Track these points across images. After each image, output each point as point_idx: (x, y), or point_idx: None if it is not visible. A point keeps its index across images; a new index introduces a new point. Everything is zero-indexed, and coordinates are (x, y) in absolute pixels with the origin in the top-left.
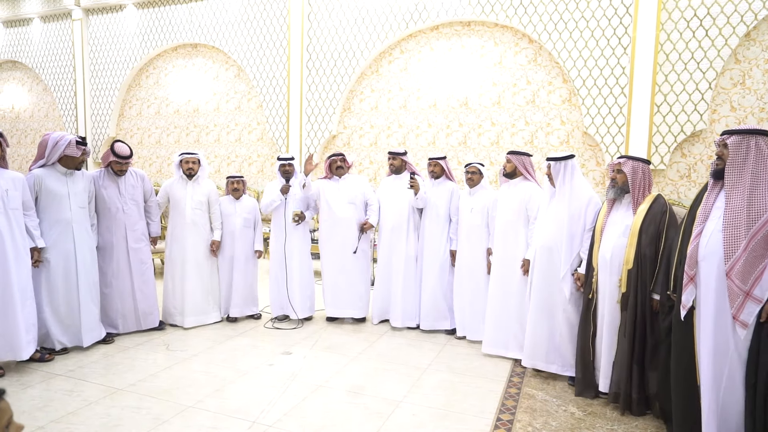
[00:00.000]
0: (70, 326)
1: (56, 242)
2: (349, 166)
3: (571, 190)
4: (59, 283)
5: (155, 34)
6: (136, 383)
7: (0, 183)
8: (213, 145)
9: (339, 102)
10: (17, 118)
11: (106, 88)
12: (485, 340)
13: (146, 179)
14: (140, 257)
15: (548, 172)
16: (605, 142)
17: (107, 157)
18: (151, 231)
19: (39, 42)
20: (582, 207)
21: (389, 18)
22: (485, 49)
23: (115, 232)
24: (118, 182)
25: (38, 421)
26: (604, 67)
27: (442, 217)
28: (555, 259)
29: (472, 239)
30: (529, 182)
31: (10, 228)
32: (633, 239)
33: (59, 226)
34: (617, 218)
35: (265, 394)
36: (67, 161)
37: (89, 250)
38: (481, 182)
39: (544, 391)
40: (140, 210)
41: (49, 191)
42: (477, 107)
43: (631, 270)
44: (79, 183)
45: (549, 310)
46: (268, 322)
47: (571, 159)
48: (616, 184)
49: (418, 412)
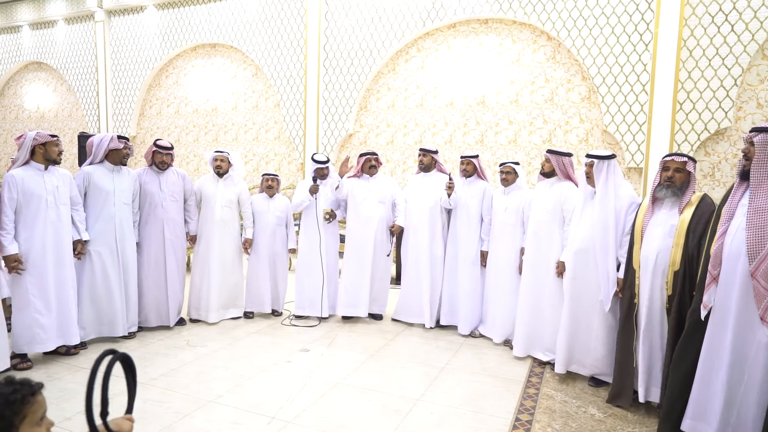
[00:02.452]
0: (106, 319)
1: (100, 237)
2: (381, 165)
3: (615, 190)
4: (99, 276)
5: (175, 34)
6: (158, 377)
7: (52, 180)
8: (231, 143)
9: (356, 100)
10: (42, 118)
11: (127, 88)
12: (516, 343)
13: (187, 178)
14: (175, 253)
15: (588, 170)
16: (625, 141)
17: (150, 151)
18: (190, 229)
19: (63, 43)
20: (623, 209)
21: (406, 16)
22: (503, 47)
23: (153, 227)
24: (159, 179)
25: (65, 413)
26: (624, 64)
27: (474, 217)
28: (591, 261)
29: (506, 239)
30: (566, 182)
31: (60, 222)
32: (680, 239)
33: (103, 221)
34: (661, 218)
35: (284, 390)
36: (113, 156)
37: (131, 245)
38: (516, 181)
39: (563, 392)
40: (179, 207)
41: (96, 187)
42: (494, 105)
43: (678, 272)
44: (124, 180)
45: (585, 313)
46: (286, 319)
47: (614, 158)
48: (673, 184)
49: (436, 411)
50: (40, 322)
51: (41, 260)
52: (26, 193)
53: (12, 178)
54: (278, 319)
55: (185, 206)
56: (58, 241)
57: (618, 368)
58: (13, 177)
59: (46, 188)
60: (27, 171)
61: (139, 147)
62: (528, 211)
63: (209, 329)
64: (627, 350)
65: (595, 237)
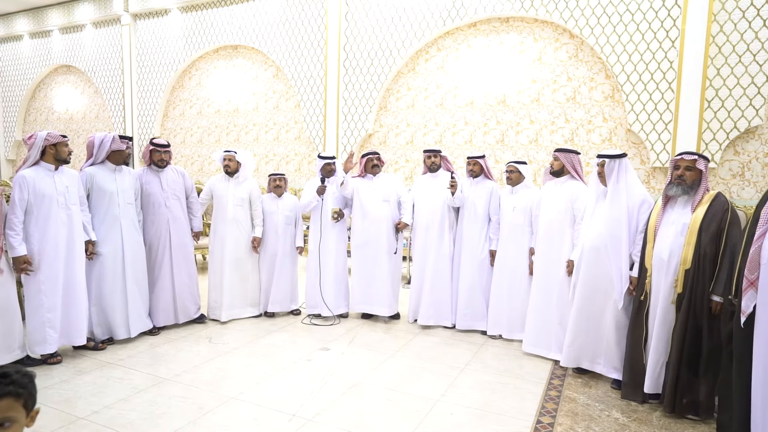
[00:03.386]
0: (117, 317)
1: (106, 237)
2: (383, 164)
3: (626, 189)
4: (108, 276)
5: (198, 36)
6: (181, 373)
7: (62, 180)
8: (252, 144)
9: (375, 100)
10: (71, 120)
11: (151, 90)
12: (525, 339)
13: (186, 176)
14: (182, 251)
15: (600, 170)
16: (650, 140)
17: (147, 150)
18: (194, 226)
19: (91, 47)
20: (635, 207)
21: (426, 16)
22: (524, 45)
23: (158, 226)
24: (160, 177)
25: (93, 406)
26: (650, 61)
27: (481, 217)
28: (603, 260)
29: (514, 239)
30: (576, 181)
31: (70, 222)
32: (692, 238)
33: (108, 221)
34: (674, 217)
35: (304, 388)
36: (115, 157)
37: (136, 244)
38: (524, 181)
39: (585, 394)
40: (182, 205)
41: (99, 188)
42: (515, 105)
43: (689, 270)
44: (126, 180)
45: (596, 311)
46: (305, 318)
47: (625, 157)
48: (684, 182)
49: (455, 412)
50: (52, 322)
51: (53, 260)
52: (37, 193)
53: (23, 179)
54: (297, 318)
55: (187, 203)
56: (69, 241)
57: (628, 364)
58: (24, 178)
59: (57, 188)
60: (37, 171)
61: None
62: (536, 210)
63: (230, 327)
64: (637, 347)
65: (607, 235)
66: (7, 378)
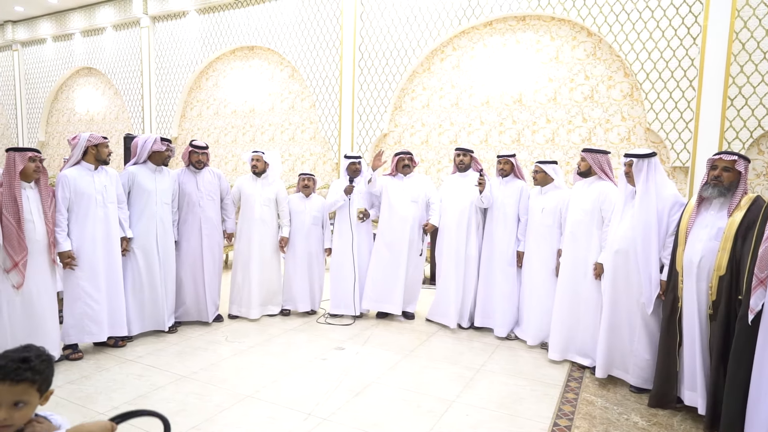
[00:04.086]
0: (148, 314)
1: (142, 234)
2: (416, 164)
3: (656, 189)
4: (142, 273)
5: (215, 38)
6: (198, 371)
7: (101, 179)
8: (267, 144)
9: (390, 100)
10: (91, 121)
11: (169, 91)
12: (551, 346)
13: (223, 178)
14: (212, 252)
15: (628, 170)
16: (670, 139)
17: (186, 151)
18: (227, 227)
19: (111, 49)
20: (666, 208)
21: (441, 15)
22: (541, 44)
23: (191, 225)
24: (197, 178)
25: (114, 402)
26: (670, 59)
27: (510, 217)
28: (632, 263)
29: (542, 240)
30: (605, 181)
31: (107, 220)
32: (727, 243)
33: (145, 219)
34: (708, 219)
35: (319, 387)
36: (155, 158)
37: (170, 243)
38: (554, 181)
39: (603, 397)
40: (216, 206)
41: (139, 186)
42: (531, 104)
43: (723, 276)
44: (165, 180)
45: (625, 316)
46: (321, 317)
47: (654, 156)
48: (720, 183)
49: (471, 413)
50: (89, 314)
51: (91, 255)
52: (78, 192)
53: (65, 178)
54: (313, 317)
55: (222, 205)
56: (106, 238)
57: (659, 372)
58: (66, 177)
59: (96, 187)
60: (78, 171)
61: (180, 148)
62: (566, 212)
63: (246, 326)
64: (670, 355)
65: (636, 237)
66: (26, 363)
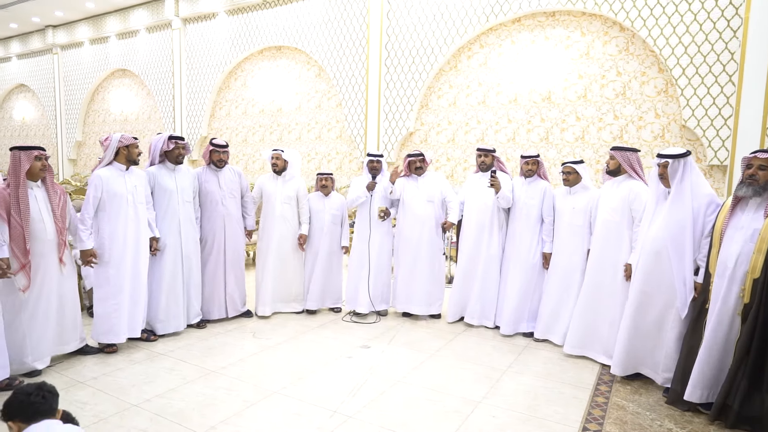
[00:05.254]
0: (174, 311)
1: (166, 233)
2: (428, 164)
3: (690, 189)
4: (168, 270)
5: (243, 38)
6: (227, 366)
7: (132, 179)
8: (294, 142)
9: (417, 99)
10: (125, 121)
11: (199, 91)
12: (567, 340)
13: (242, 176)
14: (234, 248)
15: (663, 171)
16: (707, 136)
17: (207, 150)
18: (247, 224)
19: (144, 51)
20: (701, 208)
21: (469, 12)
22: (571, 40)
23: (215, 223)
24: (218, 176)
25: (145, 395)
26: (708, 53)
27: (534, 218)
28: (664, 264)
29: (573, 240)
30: (635, 180)
31: (137, 219)
32: (763, 245)
33: (168, 218)
34: (743, 221)
35: (345, 385)
36: (169, 156)
37: (193, 241)
38: (582, 181)
39: (635, 402)
40: (237, 204)
41: (160, 186)
42: (561, 101)
43: (757, 280)
44: (184, 179)
45: (653, 320)
46: (346, 315)
47: (689, 155)
48: (756, 182)
49: (498, 414)
50: (118, 313)
51: (122, 255)
52: (109, 192)
53: (98, 178)
54: (338, 314)
55: (242, 202)
56: (136, 238)
57: (680, 371)
58: (99, 177)
59: (127, 187)
60: (111, 171)
61: None
62: (595, 211)
63: (274, 322)
64: (692, 355)
65: (669, 238)
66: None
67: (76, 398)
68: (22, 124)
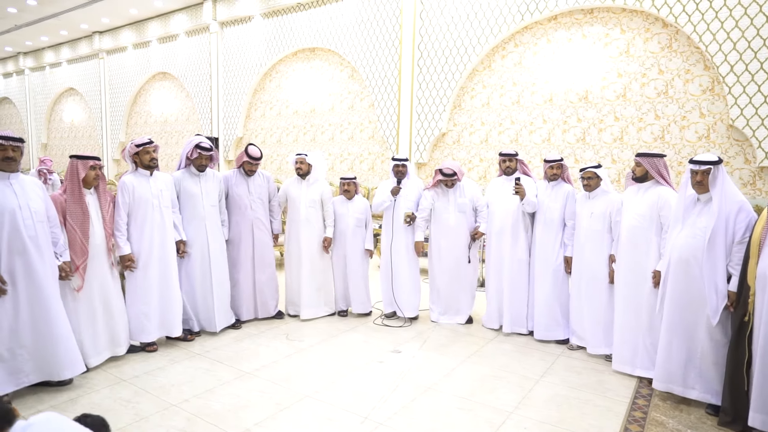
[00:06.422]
0: (204, 311)
1: (193, 237)
2: (460, 179)
3: (722, 195)
4: (196, 272)
5: (278, 40)
6: (260, 368)
7: (157, 184)
8: (327, 143)
9: (449, 99)
10: (165, 122)
11: (235, 93)
12: (615, 357)
13: (271, 180)
14: (263, 251)
15: (703, 178)
16: (757, 137)
17: (241, 158)
18: (273, 228)
19: (183, 55)
20: (732, 214)
21: (503, 11)
22: (609, 38)
23: (243, 226)
24: (248, 182)
25: (184, 394)
26: (759, 48)
27: (556, 222)
28: (694, 272)
29: (592, 245)
30: (663, 186)
31: (163, 224)
32: None
33: (194, 222)
34: None
35: (376, 390)
36: (195, 162)
37: (220, 243)
38: (601, 185)
39: (675, 419)
40: (265, 208)
41: (186, 191)
42: (598, 101)
43: None
44: (210, 183)
45: (687, 328)
46: (377, 318)
47: (721, 162)
48: None
49: (529, 426)
50: (147, 315)
51: (149, 258)
52: (136, 197)
53: (124, 184)
54: (369, 318)
55: (269, 206)
56: (162, 242)
57: (729, 390)
58: (125, 183)
59: (152, 192)
60: (136, 177)
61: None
62: (616, 216)
63: (306, 325)
64: (738, 372)
65: (699, 246)
66: None
67: (120, 396)
68: (71, 126)
